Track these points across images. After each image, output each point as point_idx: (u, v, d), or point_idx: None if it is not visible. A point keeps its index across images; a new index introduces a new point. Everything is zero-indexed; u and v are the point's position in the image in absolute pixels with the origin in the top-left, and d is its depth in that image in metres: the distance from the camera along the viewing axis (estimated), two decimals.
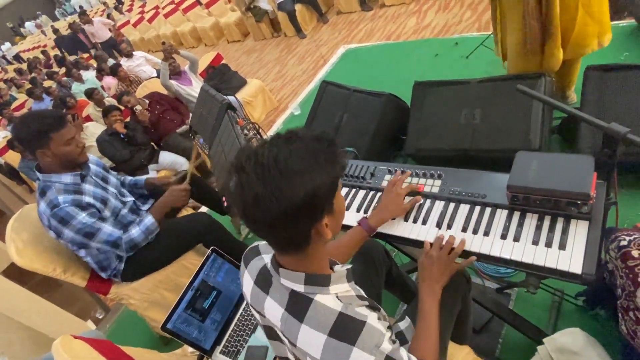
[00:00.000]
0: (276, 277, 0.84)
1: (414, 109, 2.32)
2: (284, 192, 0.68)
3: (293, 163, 0.69)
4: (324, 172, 0.71)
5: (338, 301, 0.79)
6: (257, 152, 0.72)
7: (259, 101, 4.69)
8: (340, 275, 0.84)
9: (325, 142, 0.74)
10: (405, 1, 5.58)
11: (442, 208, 1.22)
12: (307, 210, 0.71)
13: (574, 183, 0.97)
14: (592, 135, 1.76)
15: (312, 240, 0.77)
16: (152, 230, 1.92)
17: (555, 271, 0.96)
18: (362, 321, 0.75)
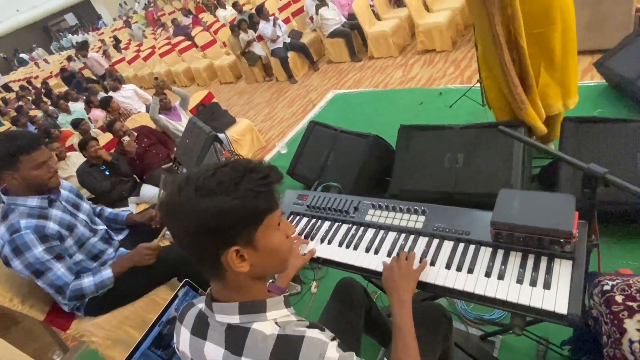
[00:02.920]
0: (211, 316, 0.80)
1: (399, 151, 2.36)
2: (192, 209, 0.69)
3: (209, 183, 0.70)
4: (238, 200, 0.69)
5: (276, 326, 0.76)
6: (194, 171, 0.74)
7: (247, 140, 4.72)
8: (278, 300, 0.81)
9: (259, 175, 0.72)
10: (392, 54, 5.88)
11: (426, 244, 1.19)
12: (212, 233, 0.70)
13: (557, 221, 0.97)
14: (571, 183, 1.80)
15: (225, 268, 0.74)
16: (106, 285, 1.79)
17: (541, 311, 0.93)
18: (301, 336, 0.72)
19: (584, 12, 3.80)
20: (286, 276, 1.26)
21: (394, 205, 1.32)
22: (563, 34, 1.94)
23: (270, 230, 0.76)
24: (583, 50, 3.73)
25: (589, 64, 3.24)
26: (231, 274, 0.76)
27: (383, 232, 1.29)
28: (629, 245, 1.79)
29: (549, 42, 1.94)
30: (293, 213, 1.51)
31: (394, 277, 1.07)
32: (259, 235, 0.74)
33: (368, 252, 1.25)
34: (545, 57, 1.98)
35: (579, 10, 3.82)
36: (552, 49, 1.95)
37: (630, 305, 1.15)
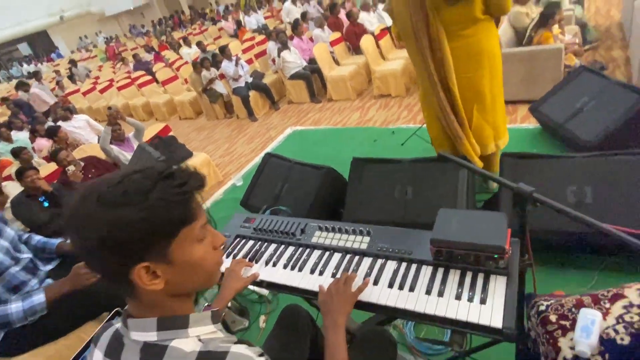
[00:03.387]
0: (127, 334, 0.72)
1: (352, 183, 2.40)
2: (93, 221, 0.62)
3: (114, 192, 0.63)
4: (146, 211, 0.62)
5: (199, 343, 0.68)
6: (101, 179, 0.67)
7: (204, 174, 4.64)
8: (203, 316, 0.74)
9: (175, 182, 0.65)
10: (350, 98, 6.15)
11: (370, 264, 1.19)
12: (115, 248, 0.63)
13: (490, 237, 1.00)
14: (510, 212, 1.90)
15: (135, 285, 0.66)
16: (37, 311, 1.63)
17: (478, 326, 0.94)
18: (224, 352, 0.66)
19: (520, 68, 4.23)
20: (223, 299, 1.20)
21: (339, 227, 1.32)
22: (491, 79, 2.13)
23: (188, 243, 0.69)
24: (521, 100, 4.10)
25: (526, 112, 3.55)
26: (144, 292, 0.68)
27: (329, 253, 1.28)
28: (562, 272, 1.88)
29: (479, 86, 2.12)
30: (239, 236, 1.47)
31: (332, 299, 1.05)
32: (175, 249, 0.67)
33: (313, 273, 1.23)
34: (477, 100, 2.15)
35: (516, 65, 4.26)
36: (482, 93, 2.13)
37: (563, 324, 1.19)
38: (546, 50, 4.10)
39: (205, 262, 0.72)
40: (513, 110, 4.11)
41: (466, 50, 2.06)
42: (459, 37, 2.04)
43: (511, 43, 4.70)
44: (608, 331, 1.14)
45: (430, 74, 2.12)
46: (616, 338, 1.12)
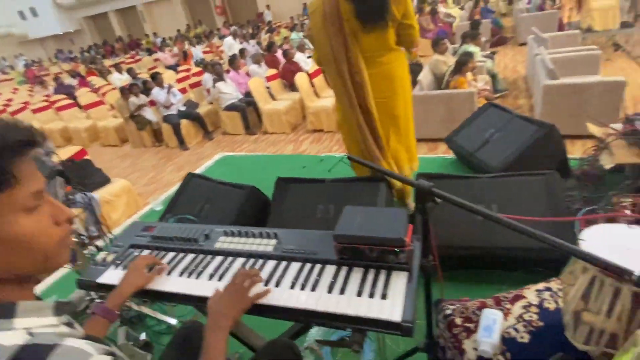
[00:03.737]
0: None
1: (275, 202, 2.34)
2: None
3: None
4: None
5: (27, 336, 0.55)
6: None
7: (122, 202, 4.27)
8: (40, 306, 0.61)
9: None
10: (285, 131, 6.21)
11: (273, 267, 1.11)
12: None
13: (391, 230, 0.98)
14: None
15: None
16: None
17: (378, 322, 0.89)
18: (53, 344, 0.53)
19: (440, 108, 4.59)
20: (120, 295, 1.04)
21: (246, 231, 1.24)
22: (405, 105, 2.27)
23: (9, 213, 0.57)
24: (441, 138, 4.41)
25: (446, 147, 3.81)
26: None
27: (232, 258, 1.17)
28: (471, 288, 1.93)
29: (395, 110, 2.23)
30: (133, 246, 1.31)
31: (219, 299, 0.95)
32: None
33: (211, 279, 1.11)
34: (393, 124, 2.26)
35: (436, 106, 4.60)
36: (398, 117, 2.25)
37: (468, 326, 1.19)
38: (461, 94, 4.51)
39: (36, 239, 0.60)
40: (434, 147, 4.39)
41: (382, 75, 2.18)
42: (376, 64, 2.15)
43: (431, 87, 5.12)
44: (509, 330, 1.15)
45: (350, 97, 2.19)
46: (516, 337, 1.13)
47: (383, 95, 2.20)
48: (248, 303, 0.96)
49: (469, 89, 4.65)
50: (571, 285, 0.99)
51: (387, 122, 2.26)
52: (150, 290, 1.11)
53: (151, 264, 1.17)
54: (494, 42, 7.93)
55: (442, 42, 5.38)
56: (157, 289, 1.11)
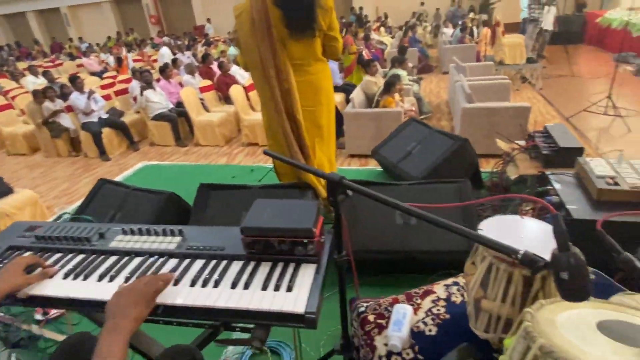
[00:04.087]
0: None
1: (196, 209, 2.21)
2: None
3: None
4: None
5: None
6: None
7: (25, 214, 3.80)
8: None
9: None
10: (218, 144, 6.02)
11: (174, 265, 1.02)
12: None
13: (299, 221, 0.95)
14: None
15: None
16: None
17: (281, 315, 0.84)
18: None
19: (370, 126, 4.76)
20: None
21: (147, 229, 1.13)
22: (328, 115, 2.31)
23: None
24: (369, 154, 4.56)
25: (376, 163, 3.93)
26: None
27: (128, 258, 1.06)
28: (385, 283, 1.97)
29: (319, 119, 2.26)
30: (12, 248, 1.13)
31: (117, 300, 0.83)
32: None
33: (101, 280, 0.99)
34: (318, 133, 2.28)
35: (367, 123, 4.77)
36: (322, 126, 2.28)
37: (380, 322, 1.18)
38: (389, 113, 4.74)
39: None
40: (366, 162, 4.52)
41: (309, 85, 2.20)
42: (303, 72, 2.17)
43: (363, 105, 5.32)
44: (419, 324, 1.16)
45: (276, 103, 2.17)
46: (425, 330, 1.15)
47: (309, 104, 2.22)
48: (149, 302, 0.85)
49: (396, 108, 4.90)
50: (472, 275, 1.02)
51: (313, 132, 2.27)
52: (27, 295, 0.95)
53: (32, 264, 1.01)
54: (421, 68, 8.52)
55: (373, 65, 5.65)
56: (34, 293, 0.95)
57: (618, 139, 4.55)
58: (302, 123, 2.20)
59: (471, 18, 9.14)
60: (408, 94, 5.76)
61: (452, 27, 9.20)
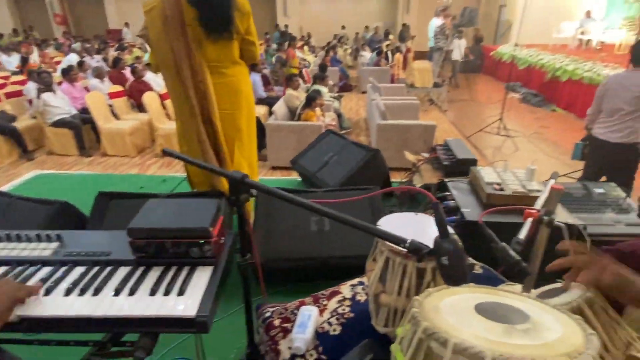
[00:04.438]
0: None
1: (93, 220, 1.99)
2: None
3: None
4: None
5: None
6: None
7: None
8: None
9: None
10: (129, 154, 5.60)
11: (45, 275, 0.89)
12: None
13: (194, 220, 0.90)
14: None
15: None
16: None
17: (170, 320, 0.77)
18: None
19: (292, 138, 4.82)
20: None
21: (18, 234, 0.98)
22: (248, 119, 2.27)
23: None
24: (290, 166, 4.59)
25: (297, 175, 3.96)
26: None
27: None
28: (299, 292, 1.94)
29: (239, 124, 2.21)
30: None
31: None
32: None
33: None
34: (237, 137, 2.23)
35: (290, 135, 4.81)
36: (241, 130, 2.23)
37: (285, 326, 1.15)
38: (310, 126, 4.84)
39: None
40: (288, 174, 4.52)
41: (228, 87, 2.14)
42: (221, 74, 2.11)
43: (285, 117, 5.37)
44: (323, 325, 1.16)
45: (191, 106, 2.07)
46: (330, 330, 1.14)
47: (227, 107, 2.16)
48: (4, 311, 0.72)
49: (317, 122, 5.03)
50: (372, 272, 1.05)
51: (232, 136, 2.21)
52: None
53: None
54: (341, 87, 8.89)
55: (295, 79, 5.75)
56: None
57: (508, 155, 5.16)
58: (220, 128, 2.13)
59: (386, 44, 9.82)
60: (329, 109, 5.95)
61: (370, 50, 9.79)
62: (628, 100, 2.78)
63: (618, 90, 2.83)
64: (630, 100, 2.77)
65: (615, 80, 2.90)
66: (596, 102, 3.03)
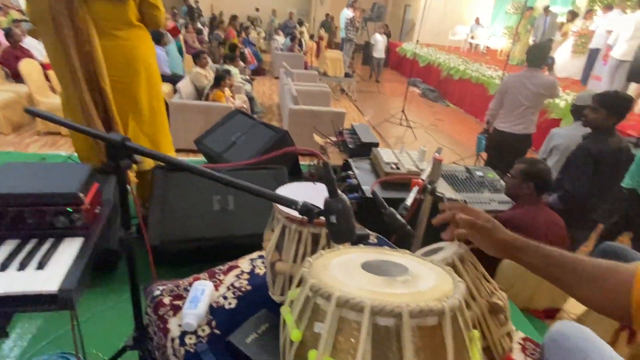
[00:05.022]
0: None
1: None
2: None
3: None
4: None
5: None
6: None
7: None
8: None
9: None
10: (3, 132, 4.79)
11: None
12: None
13: (61, 185, 0.78)
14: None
15: None
16: None
17: (25, 298, 0.66)
18: None
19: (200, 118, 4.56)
20: None
21: None
22: (149, 91, 2.07)
23: None
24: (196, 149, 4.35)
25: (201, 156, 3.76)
26: None
27: None
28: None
29: (135, 94, 2.01)
30: None
31: None
32: None
33: None
34: (133, 110, 2.02)
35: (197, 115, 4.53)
36: (139, 102, 2.03)
37: (176, 304, 1.08)
38: (219, 107, 4.63)
39: None
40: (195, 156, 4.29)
41: (121, 52, 1.92)
42: (111, 37, 1.88)
43: (192, 97, 5.06)
44: (218, 300, 1.11)
45: (73, 70, 1.82)
46: (225, 304, 1.10)
47: (121, 75, 1.94)
48: None
49: (226, 103, 4.83)
50: (269, 241, 1.03)
51: (128, 107, 1.99)
52: None
53: None
54: (254, 70, 8.68)
55: (203, 57, 5.45)
56: None
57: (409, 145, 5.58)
58: (110, 96, 1.90)
59: (300, 31, 9.83)
60: (240, 91, 5.76)
61: (284, 35, 9.71)
62: (528, 97, 3.14)
63: (518, 88, 3.16)
64: (529, 97, 3.14)
65: (514, 79, 3.24)
66: (498, 99, 3.34)
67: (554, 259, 0.79)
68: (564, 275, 0.78)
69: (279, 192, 1.02)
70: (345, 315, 0.61)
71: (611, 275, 0.74)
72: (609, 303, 0.73)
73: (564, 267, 0.78)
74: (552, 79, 3.30)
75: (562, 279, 0.79)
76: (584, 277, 0.76)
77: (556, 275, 0.79)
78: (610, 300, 0.73)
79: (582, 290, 0.76)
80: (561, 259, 0.78)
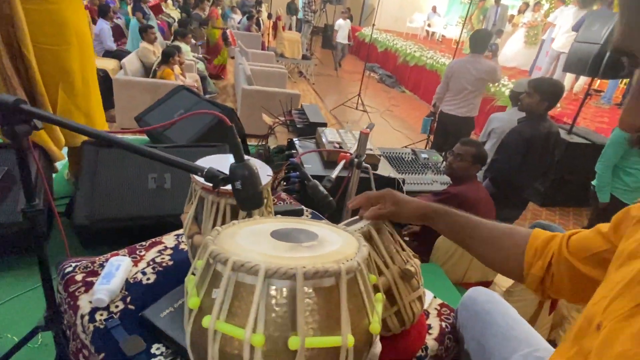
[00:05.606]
0: None
1: None
2: None
3: None
4: None
5: None
6: None
7: None
8: None
9: None
10: None
11: None
12: None
13: None
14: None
15: None
16: None
17: None
18: None
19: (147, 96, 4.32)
20: None
21: None
22: (81, 59, 1.93)
23: None
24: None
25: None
26: None
27: None
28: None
29: (65, 63, 1.87)
30: None
31: None
32: None
33: None
34: (63, 79, 1.88)
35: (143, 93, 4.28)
36: (70, 71, 1.89)
37: (89, 280, 1.02)
38: (168, 85, 4.41)
39: None
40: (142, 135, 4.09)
41: (48, 17, 1.77)
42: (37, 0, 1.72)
43: (138, 74, 4.80)
44: (137, 275, 1.07)
45: None
46: (143, 279, 1.06)
47: (49, 41, 1.79)
48: None
49: (176, 81, 4.63)
50: (187, 213, 1.00)
51: (55, 77, 1.85)
52: None
53: None
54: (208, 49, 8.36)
55: (151, 31, 5.16)
56: None
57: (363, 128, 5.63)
58: (34, 64, 1.74)
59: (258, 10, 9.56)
60: (191, 69, 5.53)
61: (241, 14, 9.40)
62: (471, 82, 3.25)
63: (463, 73, 3.27)
64: (472, 81, 3.25)
65: (459, 64, 3.34)
66: (444, 82, 3.44)
67: (460, 224, 0.82)
68: (468, 238, 0.82)
69: (200, 162, 0.99)
70: (242, 280, 0.60)
71: (509, 238, 0.78)
72: (507, 263, 0.78)
73: (468, 229, 0.81)
74: (493, 64, 3.43)
75: (466, 241, 0.82)
76: (485, 239, 0.80)
77: (461, 238, 0.83)
78: (507, 260, 0.77)
79: (484, 250, 0.81)
80: (465, 223, 0.82)
